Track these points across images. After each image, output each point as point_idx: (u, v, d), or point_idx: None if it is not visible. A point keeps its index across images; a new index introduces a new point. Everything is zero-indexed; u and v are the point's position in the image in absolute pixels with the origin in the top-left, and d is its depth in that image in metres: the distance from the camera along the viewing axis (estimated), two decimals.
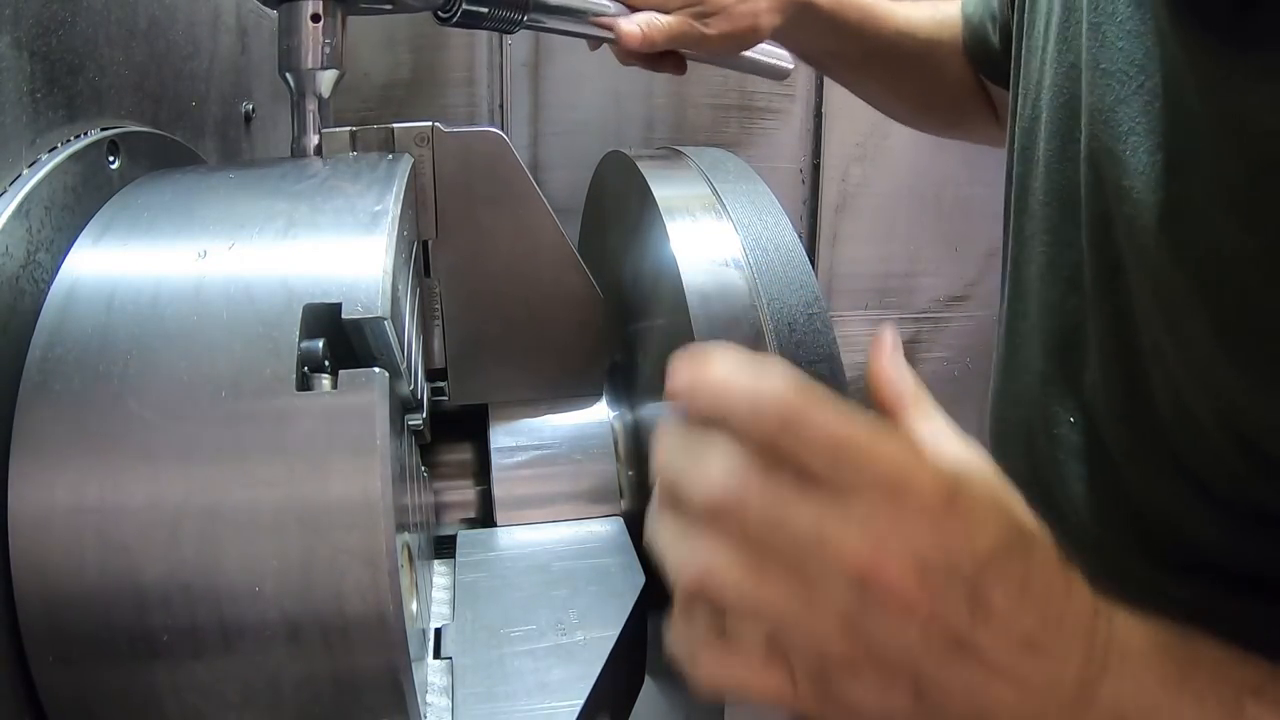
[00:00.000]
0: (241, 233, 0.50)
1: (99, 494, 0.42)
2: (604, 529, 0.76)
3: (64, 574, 0.42)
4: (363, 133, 0.68)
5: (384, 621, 0.42)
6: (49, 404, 0.43)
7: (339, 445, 0.43)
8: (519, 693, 0.57)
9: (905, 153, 2.30)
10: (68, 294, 0.47)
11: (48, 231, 0.51)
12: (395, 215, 0.52)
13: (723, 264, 0.66)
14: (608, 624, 0.63)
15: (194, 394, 0.43)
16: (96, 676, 0.43)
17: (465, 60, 1.90)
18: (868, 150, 2.25)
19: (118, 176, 0.60)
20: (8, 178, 0.49)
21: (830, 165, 2.20)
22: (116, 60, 0.63)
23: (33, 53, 0.52)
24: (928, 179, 2.34)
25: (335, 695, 0.44)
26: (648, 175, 0.75)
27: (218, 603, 0.42)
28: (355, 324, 0.46)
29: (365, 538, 0.42)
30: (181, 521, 0.42)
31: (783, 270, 0.66)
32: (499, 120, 1.90)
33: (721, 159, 0.79)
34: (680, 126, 2.04)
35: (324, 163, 0.62)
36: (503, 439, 0.79)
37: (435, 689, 0.58)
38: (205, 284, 0.47)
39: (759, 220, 0.70)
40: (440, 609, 0.67)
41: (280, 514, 0.42)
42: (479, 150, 0.71)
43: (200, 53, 0.79)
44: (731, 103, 2.11)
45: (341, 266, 0.48)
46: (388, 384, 0.45)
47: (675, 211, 0.70)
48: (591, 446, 0.79)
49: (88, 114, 0.59)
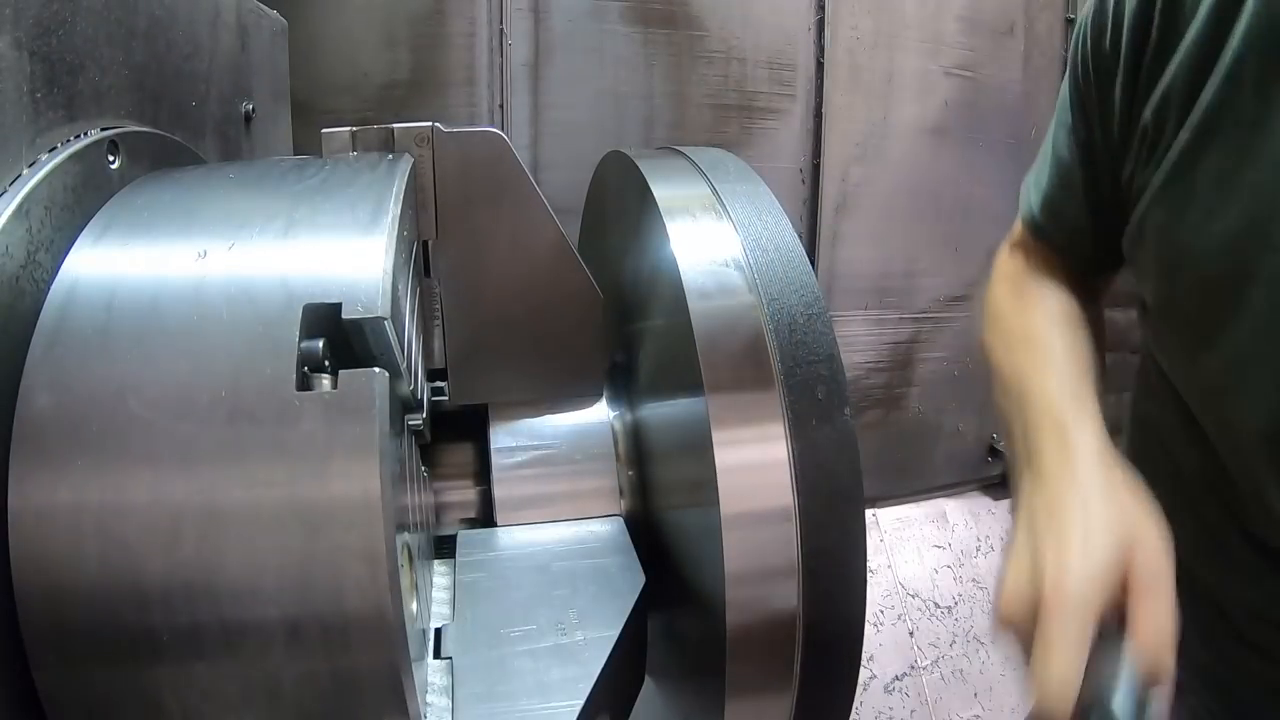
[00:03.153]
0: (241, 233, 0.50)
1: (99, 493, 0.42)
2: (604, 529, 0.76)
3: (64, 573, 0.42)
4: (363, 133, 0.68)
5: (383, 621, 0.42)
6: (49, 403, 0.43)
7: (339, 445, 0.43)
8: (519, 693, 0.57)
9: (905, 153, 2.30)
10: (68, 294, 0.47)
11: (48, 231, 0.51)
12: (395, 215, 0.52)
13: (723, 264, 0.66)
14: (608, 624, 0.63)
15: (194, 393, 0.43)
16: (97, 676, 0.43)
17: (465, 60, 1.90)
18: (868, 150, 2.25)
19: (118, 176, 0.60)
20: (8, 178, 0.49)
21: (830, 165, 2.20)
22: (116, 60, 0.63)
23: (33, 53, 0.52)
24: (928, 179, 2.35)
25: (335, 694, 0.44)
26: (648, 175, 0.75)
27: (218, 601, 0.42)
28: (355, 324, 0.46)
29: (365, 537, 0.42)
30: (182, 521, 0.42)
31: (783, 270, 0.66)
32: (499, 120, 1.90)
33: (721, 159, 0.79)
34: (680, 126, 2.04)
35: (324, 163, 0.62)
36: (503, 439, 0.79)
37: (435, 689, 0.58)
38: (205, 284, 0.47)
39: (759, 220, 0.70)
40: (440, 609, 0.67)
41: (280, 513, 0.42)
42: (479, 150, 0.71)
43: (200, 53, 0.79)
44: (731, 103, 2.11)
45: (341, 266, 0.48)
46: (388, 384, 0.45)
47: (675, 211, 0.70)
48: (591, 446, 0.79)
49: (88, 114, 0.59)
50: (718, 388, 0.61)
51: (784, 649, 0.60)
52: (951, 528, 2.52)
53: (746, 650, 0.60)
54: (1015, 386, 0.70)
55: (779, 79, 2.11)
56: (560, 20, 1.92)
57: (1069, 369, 0.70)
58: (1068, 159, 0.78)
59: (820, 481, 0.60)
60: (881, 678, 2.27)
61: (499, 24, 1.88)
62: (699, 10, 2.03)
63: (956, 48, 2.31)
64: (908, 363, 2.36)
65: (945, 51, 2.29)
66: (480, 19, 1.87)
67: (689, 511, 0.67)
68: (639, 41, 1.99)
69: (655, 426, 0.76)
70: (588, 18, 1.95)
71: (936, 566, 2.44)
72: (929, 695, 2.29)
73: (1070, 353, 0.72)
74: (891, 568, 2.40)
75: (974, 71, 2.33)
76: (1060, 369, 0.70)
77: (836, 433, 0.61)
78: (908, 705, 2.27)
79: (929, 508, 2.53)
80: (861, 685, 1.83)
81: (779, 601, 0.59)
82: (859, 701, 2.19)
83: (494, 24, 1.88)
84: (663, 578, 0.72)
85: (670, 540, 0.72)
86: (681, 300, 0.64)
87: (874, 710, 2.24)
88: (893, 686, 2.28)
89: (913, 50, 2.26)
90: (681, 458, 0.69)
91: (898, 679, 2.29)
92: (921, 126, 2.29)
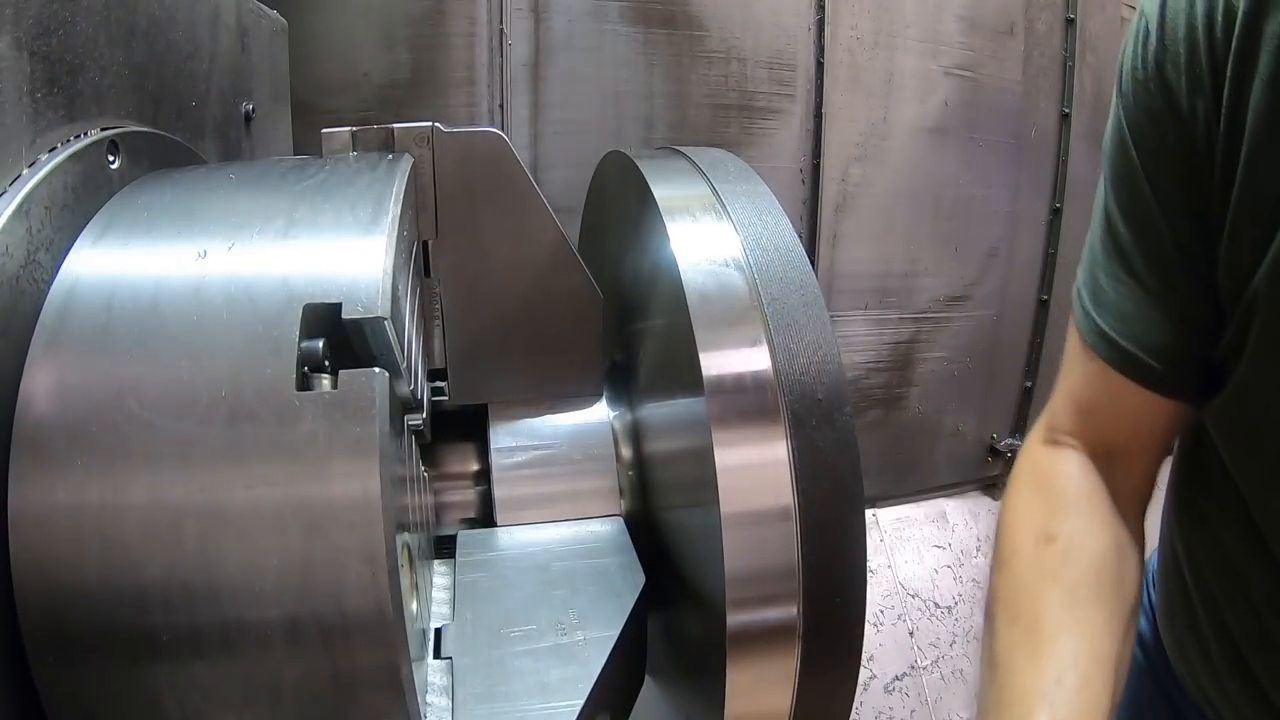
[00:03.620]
0: (241, 233, 0.50)
1: (99, 493, 0.42)
2: (604, 529, 0.76)
3: (64, 573, 0.42)
4: (363, 133, 0.68)
5: (383, 621, 0.42)
6: (49, 404, 0.43)
7: (339, 445, 0.43)
8: (519, 693, 0.57)
9: (905, 153, 2.30)
10: (68, 294, 0.47)
11: (48, 231, 0.51)
12: (395, 215, 0.52)
13: (723, 264, 0.66)
14: (608, 624, 0.63)
15: (194, 393, 0.43)
16: (96, 676, 0.43)
17: (465, 60, 1.90)
18: (868, 150, 2.26)
19: (118, 176, 0.60)
20: (8, 178, 0.49)
21: (830, 165, 2.20)
22: (116, 60, 0.63)
23: (33, 53, 0.52)
24: (928, 179, 2.35)
25: (335, 695, 0.44)
26: (648, 175, 0.74)
27: (218, 602, 0.42)
28: (355, 324, 0.46)
29: (365, 537, 0.42)
30: (182, 521, 0.42)
31: (783, 270, 0.66)
32: (499, 120, 1.90)
33: (721, 159, 0.79)
34: (680, 126, 2.05)
35: (324, 163, 0.62)
36: (503, 439, 0.79)
37: (435, 689, 0.58)
38: (205, 284, 0.47)
39: (759, 220, 0.69)
40: (440, 609, 0.67)
41: (280, 513, 0.42)
42: (479, 150, 0.71)
43: (200, 53, 0.79)
44: (731, 103, 2.11)
45: (341, 266, 0.48)
46: (388, 384, 0.45)
47: (675, 211, 0.70)
48: (591, 446, 0.79)
49: (88, 114, 0.59)
50: (718, 388, 0.61)
51: (784, 649, 0.60)
52: (951, 528, 2.52)
53: (746, 650, 0.60)
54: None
55: (779, 79, 2.11)
56: (560, 20, 1.93)
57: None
58: (1136, 244, 0.66)
59: (820, 481, 0.60)
60: (881, 678, 2.27)
61: (499, 24, 1.88)
62: (699, 10, 2.03)
63: (956, 48, 2.31)
64: (908, 363, 2.36)
65: (945, 51, 2.29)
66: (480, 19, 1.87)
67: (689, 511, 0.67)
68: (639, 41, 1.99)
69: (655, 426, 0.76)
70: (588, 18, 1.95)
71: (936, 566, 2.44)
72: (929, 695, 2.29)
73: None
74: (891, 568, 2.40)
75: (974, 71, 2.33)
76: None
77: (836, 433, 0.61)
78: (908, 705, 2.27)
79: (929, 508, 2.53)
80: (861, 685, 1.83)
81: (779, 601, 0.59)
82: (859, 701, 2.19)
83: (494, 24, 1.88)
84: (663, 578, 0.72)
85: (670, 540, 0.72)
86: (681, 300, 0.64)
87: (874, 710, 2.24)
88: (893, 686, 2.28)
89: (913, 50, 2.26)
90: (681, 458, 0.69)
91: (898, 679, 2.29)
92: (921, 126, 2.29)
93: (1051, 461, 0.74)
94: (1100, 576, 0.66)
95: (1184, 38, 0.61)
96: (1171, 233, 0.64)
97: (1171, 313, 0.66)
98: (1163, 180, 0.64)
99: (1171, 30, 0.62)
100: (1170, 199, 0.64)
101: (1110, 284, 0.68)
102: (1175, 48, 0.61)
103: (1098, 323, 0.69)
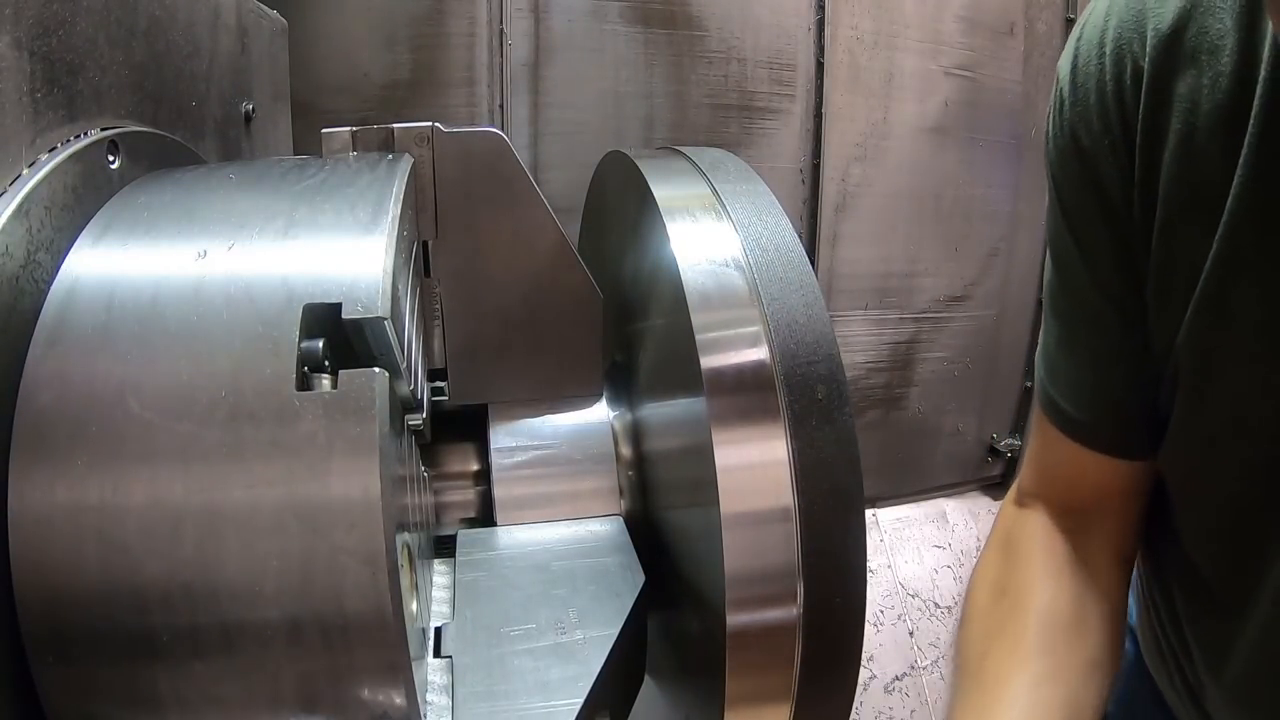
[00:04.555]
0: (241, 233, 0.50)
1: (99, 493, 0.42)
2: (604, 529, 0.76)
3: (64, 573, 0.42)
4: (363, 133, 0.68)
5: (383, 621, 0.42)
6: (49, 404, 0.43)
7: (339, 445, 0.43)
8: (519, 692, 0.57)
9: (905, 153, 2.30)
10: (68, 294, 0.47)
11: (48, 231, 0.51)
12: (395, 215, 0.52)
13: (723, 264, 0.66)
14: (607, 624, 0.63)
15: (194, 393, 0.43)
16: (96, 676, 0.43)
17: (465, 60, 1.90)
18: (868, 150, 2.26)
19: (118, 176, 0.60)
20: (8, 178, 0.49)
21: (830, 165, 2.20)
22: (116, 60, 0.63)
23: (33, 53, 0.52)
24: (928, 179, 2.35)
25: (335, 694, 0.44)
26: (648, 175, 0.74)
27: (218, 602, 0.42)
28: (355, 324, 0.46)
29: (364, 537, 0.42)
30: (182, 521, 0.42)
31: (783, 270, 0.66)
32: (499, 120, 1.90)
33: (721, 159, 0.79)
34: (680, 126, 2.05)
35: (324, 163, 0.62)
36: (503, 439, 0.79)
37: (435, 688, 0.58)
38: (205, 284, 0.47)
39: (759, 220, 0.69)
40: (440, 608, 0.67)
41: (280, 513, 0.42)
42: (479, 150, 0.71)
43: (200, 53, 0.79)
44: (731, 103, 2.11)
45: (341, 266, 0.48)
46: (388, 384, 0.45)
47: (675, 211, 0.70)
48: (591, 446, 0.79)
49: (88, 114, 0.59)
50: (718, 388, 0.61)
51: (784, 649, 0.60)
52: (951, 528, 2.52)
53: (746, 650, 0.60)
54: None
55: (779, 79, 2.11)
56: (560, 20, 1.93)
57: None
58: (1074, 312, 0.66)
59: (820, 481, 0.60)
60: (881, 678, 2.27)
61: (499, 24, 1.88)
62: (699, 10, 2.03)
63: (956, 48, 2.31)
64: (908, 363, 2.36)
65: (945, 51, 2.29)
66: (480, 19, 1.87)
67: (689, 511, 0.67)
68: (639, 41, 1.99)
69: (655, 426, 0.76)
70: (588, 18, 1.95)
71: (936, 566, 2.44)
72: (929, 695, 2.29)
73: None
74: (891, 568, 2.40)
75: (974, 71, 2.33)
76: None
77: (836, 432, 0.61)
78: (908, 705, 2.27)
79: (929, 508, 2.53)
80: (861, 685, 1.83)
81: (779, 601, 0.59)
82: (859, 701, 2.19)
83: (494, 24, 1.88)
84: (662, 577, 0.72)
85: (670, 540, 0.72)
86: (681, 300, 0.64)
87: (874, 710, 2.24)
88: (893, 686, 2.28)
89: (913, 50, 2.26)
90: (681, 458, 0.69)
91: (898, 679, 2.29)
92: (921, 126, 2.29)
93: (1018, 523, 0.75)
94: (1051, 626, 0.66)
95: (1095, 102, 0.59)
96: (1105, 301, 0.64)
97: (1117, 378, 0.66)
98: (1091, 249, 0.63)
99: (1083, 94, 0.60)
100: (1100, 268, 0.63)
101: (1059, 352, 0.69)
102: (1088, 113, 0.60)
103: (1049, 392, 0.70)
